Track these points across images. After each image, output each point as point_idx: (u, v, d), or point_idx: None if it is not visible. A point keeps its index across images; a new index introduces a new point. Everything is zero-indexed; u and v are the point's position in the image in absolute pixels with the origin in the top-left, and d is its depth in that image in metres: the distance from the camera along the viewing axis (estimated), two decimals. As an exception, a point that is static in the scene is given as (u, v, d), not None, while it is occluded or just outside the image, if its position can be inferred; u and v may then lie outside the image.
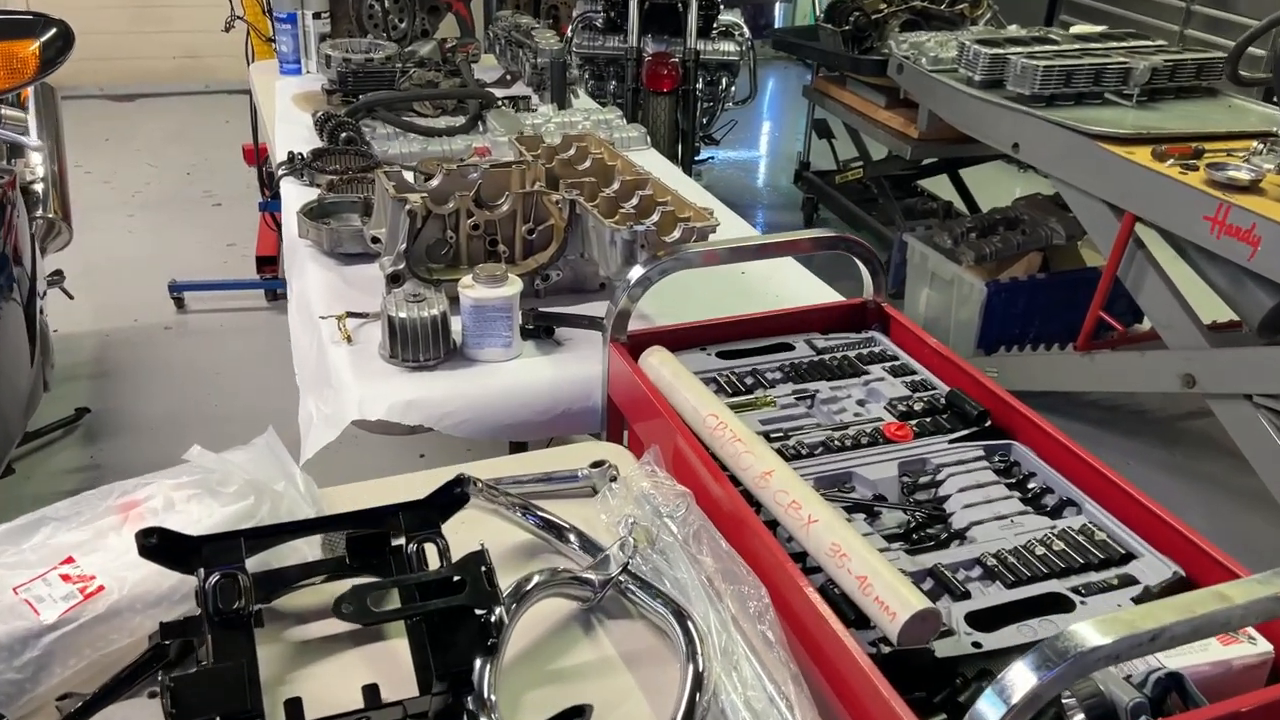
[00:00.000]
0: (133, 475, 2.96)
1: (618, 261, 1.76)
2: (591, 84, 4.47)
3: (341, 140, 2.53)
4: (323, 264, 2.03)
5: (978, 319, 3.39)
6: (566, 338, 1.81)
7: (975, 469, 1.42)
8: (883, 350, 1.71)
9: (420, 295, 1.69)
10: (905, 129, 3.84)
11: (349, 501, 1.38)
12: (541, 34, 3.08)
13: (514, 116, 2.72)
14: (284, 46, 3.22)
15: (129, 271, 4.11)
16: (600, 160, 2.12)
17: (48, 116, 3.24)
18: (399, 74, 2.90)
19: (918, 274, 3.70)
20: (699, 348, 1.69)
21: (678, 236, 1.74)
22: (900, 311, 1.77)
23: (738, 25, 4.41)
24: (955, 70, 3.32)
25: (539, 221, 1.90)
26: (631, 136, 2.75)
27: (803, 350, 1.70)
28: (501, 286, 1.69)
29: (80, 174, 5.11)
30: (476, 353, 1.72)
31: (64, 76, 6.27)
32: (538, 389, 1.69)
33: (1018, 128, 3.05)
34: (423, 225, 1.83)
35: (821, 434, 1.48)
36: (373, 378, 1.66)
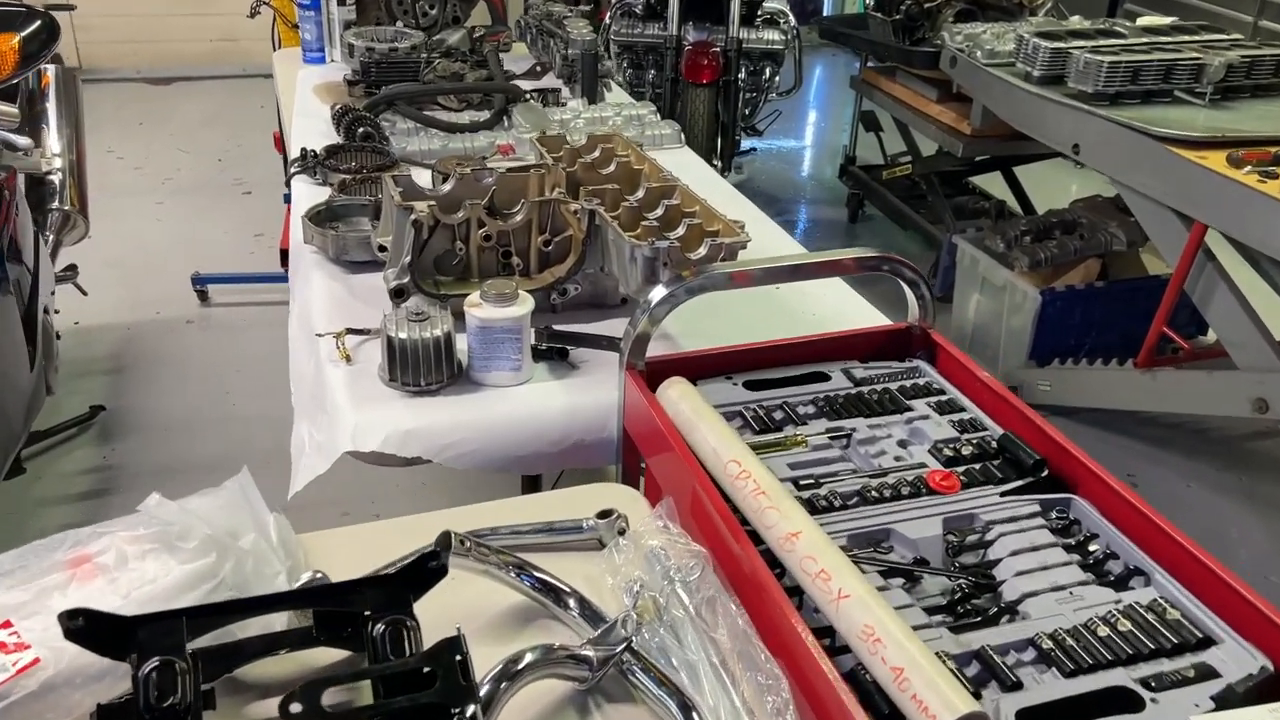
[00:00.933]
0: (144, 478, 2.89)
1: (638, 280, 1.61)
2: (630, 73, 4.32)
3: (358, 136, 2.41)
4: (328, 272, 1.91)
5: (1030, 328, 3.20)
6: (582, 360, 1.67)
7: (1030, 527, 1.26)
8: (928, 383, 1.55)
9: (423, 314, 1.56)
10: (957, 125, 3.65)
11: (331, 550, 1.26)
12: (574, 23, 2.93)
13: (541, 111, 2.58)
14: (307, 34, 3.10)
15: (154, 262, 4.04)
16: (626, 164, 1.98)
17: (68, 104, 3.16)
18: (424, 65, 2.77)
19: (967, 278, 3.52)
20: (725, 376, 1.55)
21: (704, 254, 1.60)
22: (946, 337, 1.62)
23: (783, 13, 4.23)
24: (1012, 65, 3.12)
25: (556, 232, 1.76)
26: (664, 134, 2.60)
27: (839, 381, 1.55)
28: (511, 306, 1.55)
29: (112, 159, 5.07)
30: (483, 376, 1.59)
31: (102, 59, 6.30)
32: (549, 417, 1.56)
33: (1079, 128, 2.85)
34: (430, 236, 1.69)
35: (857, 482, 1.33)
36: (370, 403, 1.53)
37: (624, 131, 2.57)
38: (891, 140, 4.54)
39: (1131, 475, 2.99)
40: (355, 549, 1.26)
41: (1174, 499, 2.92)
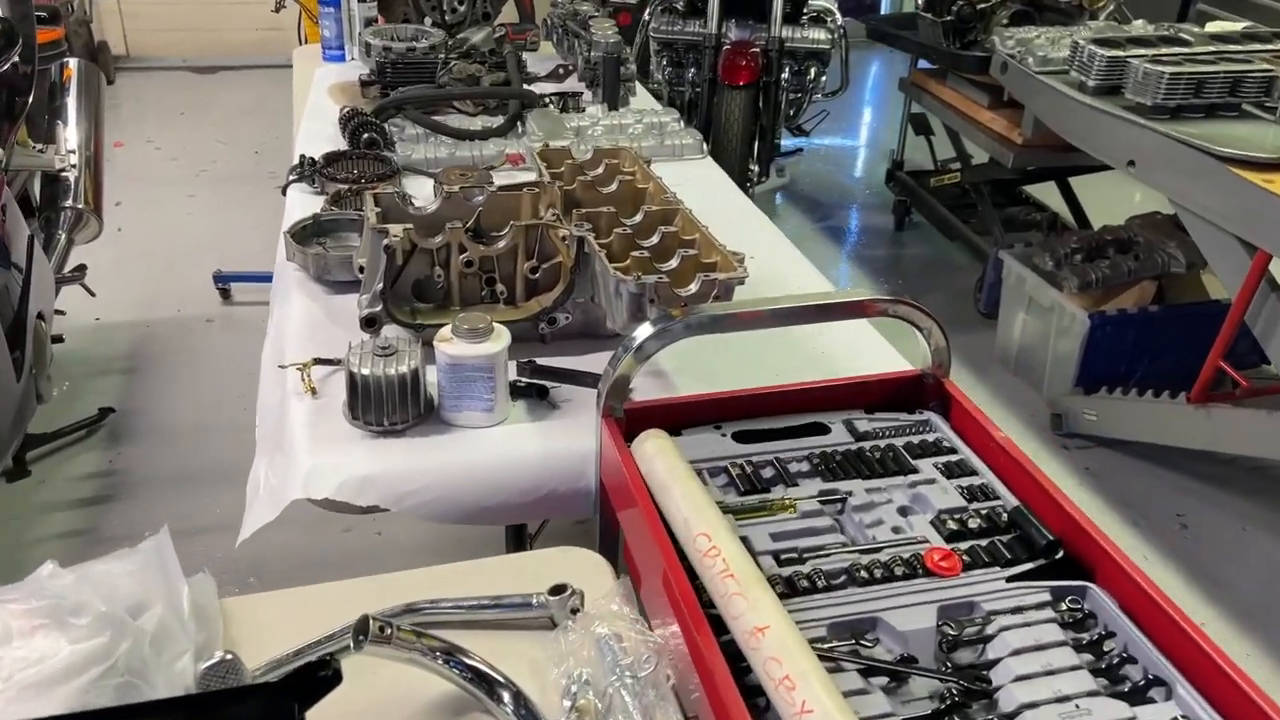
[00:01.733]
0: (147, 486, 2.81)
1: (623, 316, 1.49)
2: (669, 71, 4.18)
3: (362, 142, 2.31)
4: (308, 292, 1.81)
5: (1078, 353, 3.01)
6: (565, 399, 1.55)
7: (1037, 620, 1.11)
8: (938, 440, 1.41)
9: (390, 348, 1.45)
10: (1008, 133, 3.45)
11: (257, 618, 1.15)
12: (599, 24, 2.80)
13: (556, 118, 2.45)
14: (327, 31, 3.01)
15: (181, 256, 3.99)
16: (630, 183, 1.85)
17: (88, 100, 3.10)
18: (440, 66, 2.66)
19: (1014, 296, 3.33)
20: (713, 425, 1.42)
21: (694, 291, 1.46)
22: (989, 357, 1.46)
23: (830, 11, 4.05)
24: (1066, 73, 2.92)
25: (544, 258, 1.64)
26: (686, 144, 2.46)
27: (839, 435, 1.41)
28: (484, 342, 1.44)
29: (150, 149, 5.06)
30: (453, 416, 1.47)
31: (149, 47, 6.29)
32: (522, 463, 1.44)
33: (1135, 143, 2.65)
34: (406, 261, 1.58)
35: (846, 558, 1.19)
36: (329, 443, 1.43)
37: (643, 140, 2.44)
38: (942, 143, 4.34)
39: (1181, 515, 2.80)
40: (284, 617, 1.15)
41: (1228, 544, 2.72)
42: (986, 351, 3.52)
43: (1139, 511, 2.81)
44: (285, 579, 2.47)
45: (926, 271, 4.25)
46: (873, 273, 4.21)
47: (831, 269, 4.31)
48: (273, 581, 2.48)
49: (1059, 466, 2.98)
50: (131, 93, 5.92)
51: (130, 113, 5.65)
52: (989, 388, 3.37)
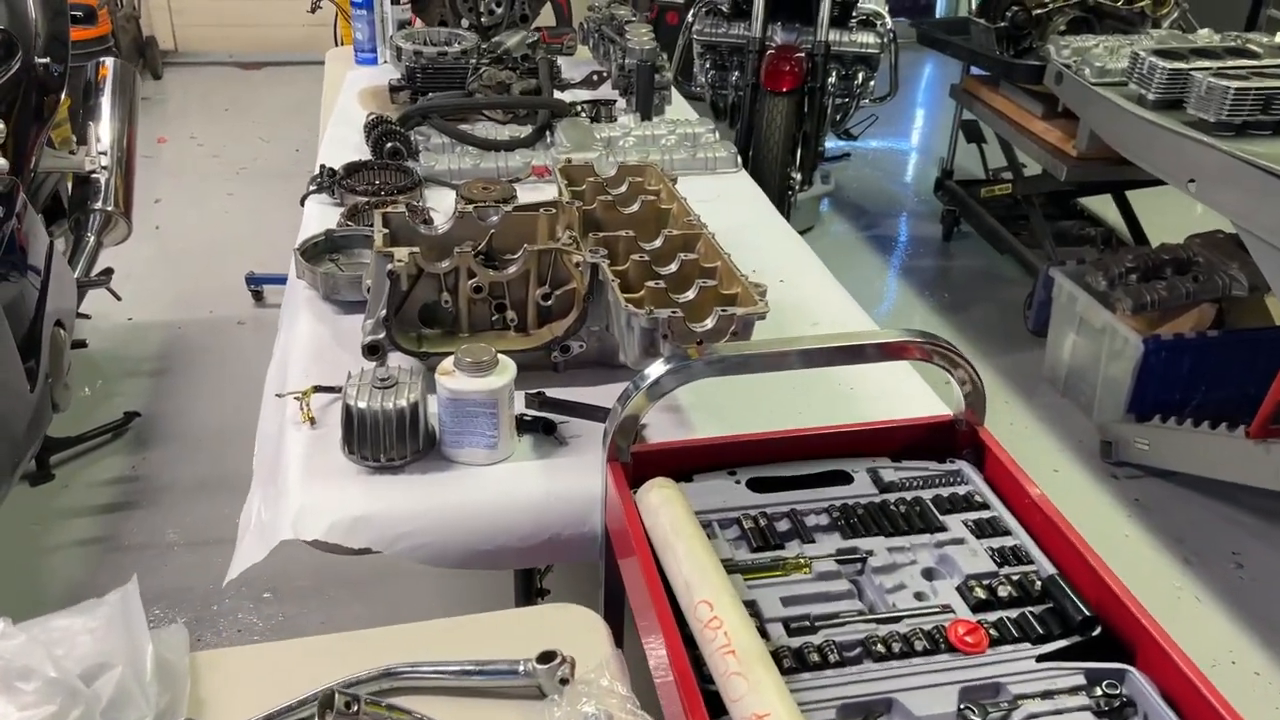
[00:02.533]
0: (169, 493, 2.78)
1: (635, 351, 1.40)
2: (713, 74, 4.08)
3: (386, 152, 2.24)
4: (316, 313, 1.75)
5: (1131, 379, 2.87)
6: (574, 434, 1.47)
7: (1070, 708, 1.02)
8: (969, 493, 1.31)
9: (390, 379, 1.38)
10: (1062, 145, 3.31)
11: (230, 675, 1.09)
12: (635, 30, 2.72)
13: (586, 128, 2.37)
14: (359, 34, 2.96)
15: (216, 256, 3.98)
16: (652, 204, 1.76)
17: (122, 100, 3.07)
18: (470, 73, 2.59)
19: (1064, 315, 3.19)
20: (728, 470, 1.33)
21: (710, 327, 1.37)
22: (1037, 376, 1.36)
23: (880, 14, 3.92)
24: (1125, 85, 2.78)
25: (558, 284, 1.56)
26: (720, 157, 2.37)
27: (862, 485, 1.31)
28: (487, 376, 1.36)
29: (193, 145, 5.06)
30: (454, 453, 1.40)
31: (196, 43, 6.31)
32: (525, 504, 1.36)
33: (1197, 161, 2.51)
34: (412, 286, 1.51)
35: (863, 628, 1.10)
36: (323, 478, 1.36)
37: (675, 153, 2.35)
38: (994, 152, 4.20)
39: (1237, 554, 2.65)
40: (257, 675, 1.09)
41: (1287, 587, 2.57)
42: (1034, 371, 3.39)
43: (1191, 549, 2.67)
44: (302, 594, 2.45)
45: (974, 284, 4.11)
46: (918, 284, 4.08)
47: (877, 280, 4.19)
48: (289, 595, 2.45)
49: (1107, 496, 2.85)
50: (178, 88, 5.94)
51: (176, 108, 5.67)
52: (1036, 409, 3.24)
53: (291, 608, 2.41)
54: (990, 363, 3.50)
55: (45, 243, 2.22)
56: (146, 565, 2.51)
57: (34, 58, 2.60)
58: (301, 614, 2.40)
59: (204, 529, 2.65)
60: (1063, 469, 2.97)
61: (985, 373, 3.63)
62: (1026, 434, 3.13)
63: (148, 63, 5.87)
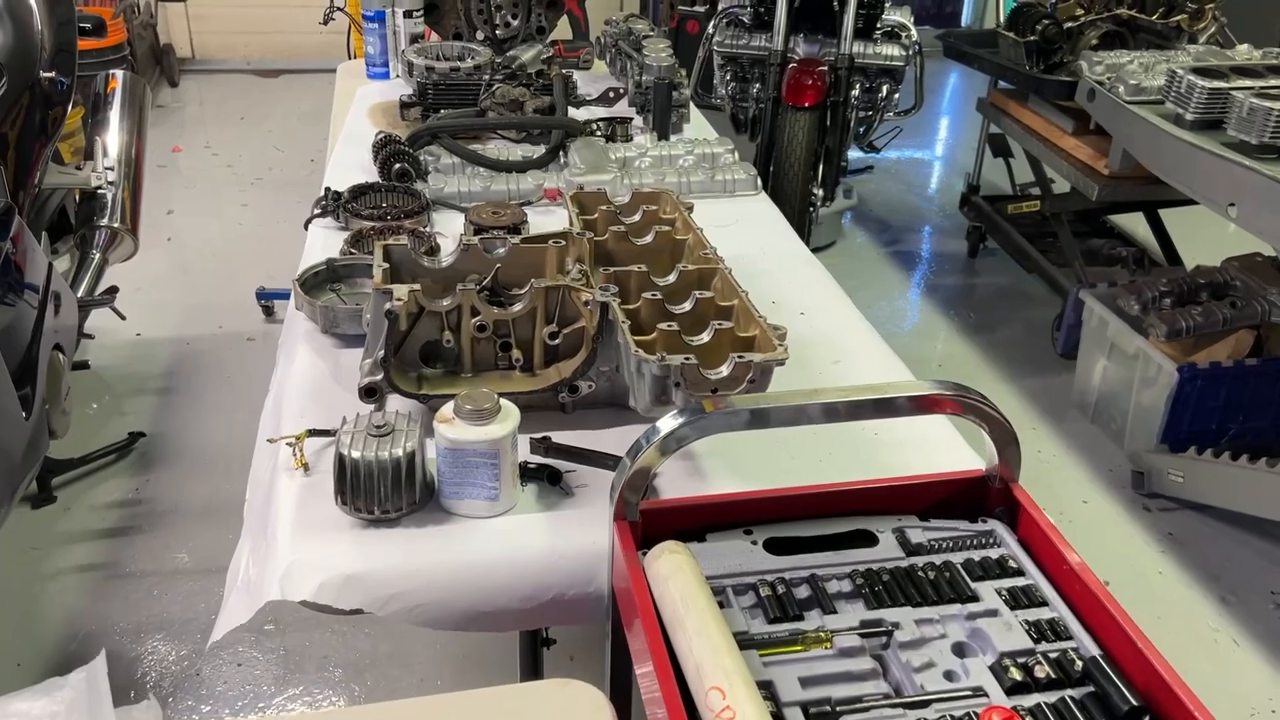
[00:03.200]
0: (172, 517, 2.71)
1: (646, 399, 1.32)
2: (733, 86, 3.99)
3: (394, 173, 2.17)
4: (315, 346, 1.68)
5: (1164, 408, 2.77)
6: (581, 483, 1.39)
7: (1115, 811, 0.93)
8: (1002, 557, 1.22)
9: (386, 426, 1.30)
10: (1094, 163, 3.21)
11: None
12: (653, 45, 2.63)
13: (600, 149, 2.29)
14: (371, 48, 2.89)
15: (227, 269, 3.93)
16: (667, 234, 1.68)
17: (131, 113, 3.02)
18: (483, 89, 2.51)
19: (1094, 339, 3.09)
20: (743, 529, 1.24)
21: (725, 375, 1.29)
22: (1066, 402, 1.27)
23: (905, 27, 3.83)
24: (1161, 104, 2.68)
25: (566, 322, 1.48)
26: (739, 179, 2.28)
27: (888, 546, 1.23)
28: (488, 424, 1.28)
29: (207, 155, 5.02)
30: (453, 504, 1.32)
31: (214, 50, 6.28)
32: (528, 562, 1.28)
33: (1237, 184, 2.41)
34: (412, 325, 1.44)
35: (890, 714, 1.01)
36: (314, 532, 1.29)
37: (693, 175, 2.27)
38: (1021, 167, 4.10)
39: (1276, 594, 2.54)
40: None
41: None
42: (1062, 396, 3.29)
43: (1228, 587, 2.56)
44: (304, 625, 2.38)
45: (1000, 304, 4.01)
46: (943, 303, 3.98)
47: (899, 297, 4.09)
48: (291, 627, 2.38)
49: (1138, 530, 2.74)
50: (195, 96, 5.91)
51: (192, 116, 5.63)
52: (1064, 437, 3.14)
53: (294, 640, 2.35)
54: (1016, 386, 3.40)
55: (44, 265, 2.16)
56: (147, 592, 2.45)
57: (38, 71, 2.54)
58: (303, 647, 2.33)
59: (208, 555, 2.59)
60: (1092, 500, 2.87)
61: (1011, 397, 3.53)
62: (1054, 463, 3.03)
63: (164, 70, 5.84)
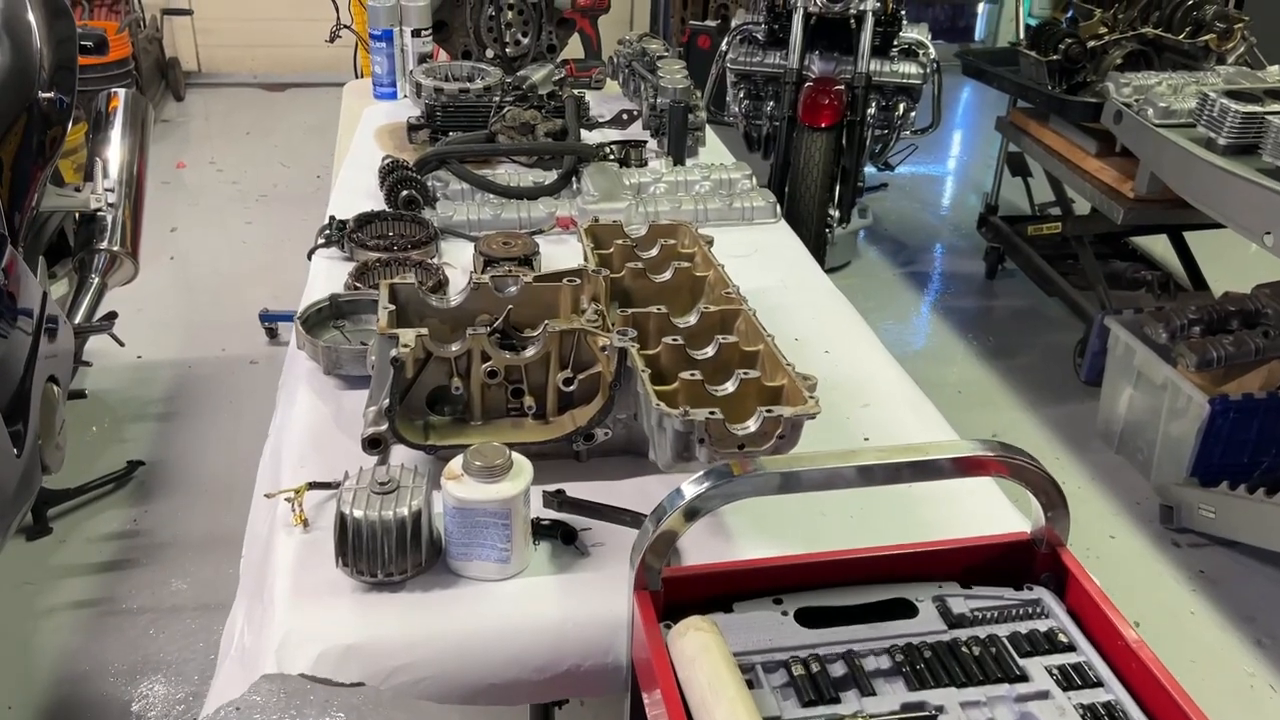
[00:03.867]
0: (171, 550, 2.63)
1: (668, 454, 1.24)
2: (746, 104, 3.92)
3: (401, 201, 2.10)
4: (316, 388, 1.60)
5: (1195, 440, 2.67)
6: (598, 542, 1.31)
7: None
8: (1051, 630, 1.13)
9: (390, 483, 1.22)
10: (1118, 185, 3.12)
11: None
12: (668, 67, 2.56)
13: (614, 175, 2.21)
14: (378, 67, 2.82)
15: (232, 288, 3.86)
16: (687, 271, 1.60)
17: (132, 133, 2.95)
18: (493, 112, 2.44)
19: (1120, 368, 3.00)
20: (772, 598, 1.16)
21: (753, 430, 1.21)
22: (1090, 429, 1.19)
23: (923, 44, 3.75)
24: (1192, 127, 2.60)
25: (581, 367, 1.40)
26: (758, 206, 2.20)
27: (928, 618, 1.14)
28: (499, 482, 1.20)
29: (212, 171, 4.96)
30: (461, 566, 1.24)
31: (220, 63, 6.22)
32: (541, 629, 1.20)
33: (1274, 212, 2.33)
34: (420, 370, 1.36)
35: (933, 812, 0.93)
36: (313, 597, 1.21)
37: (710, 202, 2.20)
38: (1040, 186, 4.02)
39: (1314, 637, 2.45)
40: None
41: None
42: (1086, 424, 3.20)
43: (1263, 629, 2.47)
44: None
45: (1019, 327, 3.92)
46: (960, 326, 3.90)
47: (916, 320, 4.01)
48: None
49: (1168, 567, 2.65)
50: (200, 110, 5.85)
51: (197, 131, 5.57)
52: (1088, 467, 3.05)
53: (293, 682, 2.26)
54: (1037, 414, 3.31)
55: (38, 293, 2.09)
56: (143, 631, 2.37)
57: (37, 92, 2.48)
58: (305, 688, 2.25)
59: (207, 589, 2.51)
60: (1119, 535, 2.78)
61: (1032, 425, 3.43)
62: (1079, 494, 2.94)
63: (170, 84, 5.78)
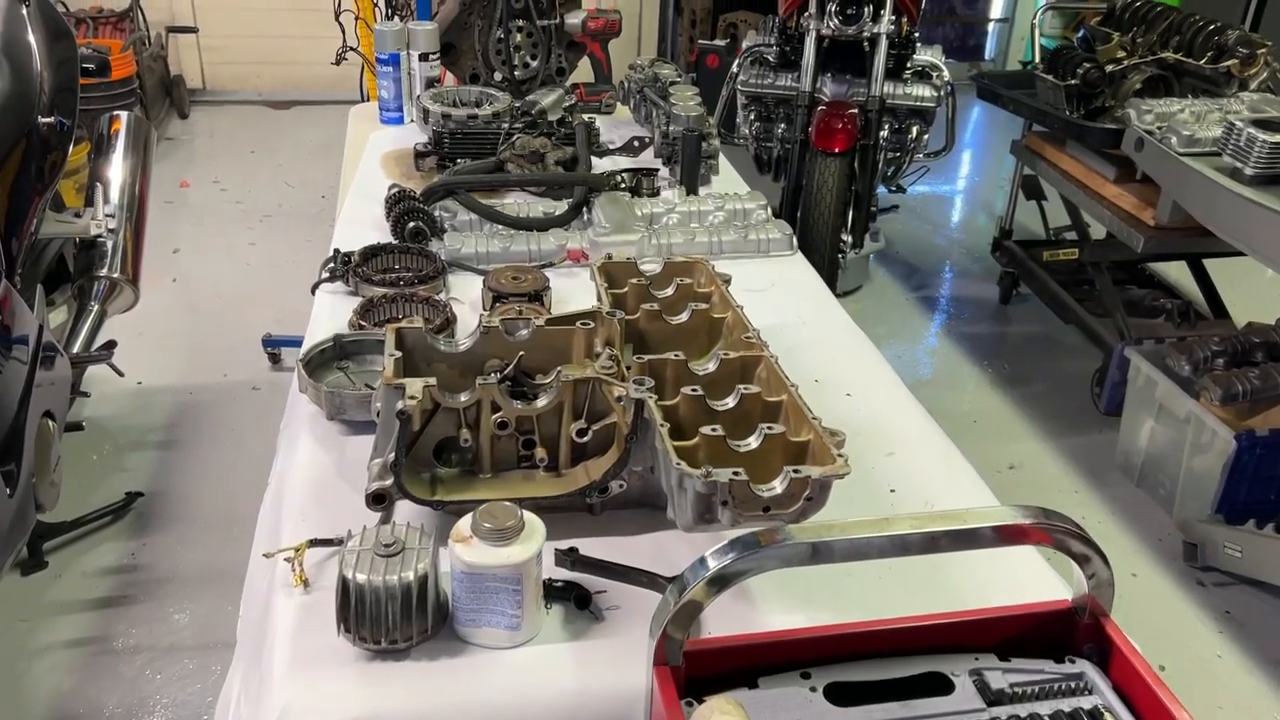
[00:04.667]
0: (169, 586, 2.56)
1: (688, 516, 1.18)
2: (757, 126, 3.87)
3: (408, 233, 2.04)
4: (318, 435, 1.54)
5: (1220, 477, 2.61)
6: (613, 605, 1.24)
7: None
8: (1096, 709, 1.06)
9: (395, 545, 1.16)
10: (1139, 213, 3.06)
11: None
12: (680, 93, 2.50)
13: (626, 205, 2.16)
14: (385, 91, 2.76)
15: (234, 312, 3.80)
16: (704, 313, 1.54)
17: (134, 156, 2.89)
18: (502, 139, 2.38)
19: (1140, 399, 2.94)
20: (800, 672, 1.09)
21: (779, 492, 1.14)
22: (1110, 462, 1.12)
23: (937, 67, 3.70)
24: (1217, 156, 2.54)
25: (595, 417, 1.34)
26: (773, 239, 2.14)
27: (965, 695, 1.07)
28: (510, 545, 1.14)
29: (215, 191, 4.91)
30: (470, 633, 1.17)
31: (226, 81, 6.18)
32: (552, 701, 1.13)
33: (1304, 245, 2.27)
34: (427, 421, 1.29)
35: None
36: (314, 664, 1.14)
37: (724, 234, 2.14)
38: (1055, 208, 3.95)
39: (1345, 682, 2.38)
40: None
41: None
42: (1105, 456, 3.13)
43: (1293, 673, 2.40)
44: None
45: (1035, 354, 3.86)
46: (975, 352, 3.83)
47: (929, 346, 3.94)
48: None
49: (1193, 607, 2.58)
50: (205, 128, 5.81)
51: (201, 149, 5.53)
52: (1107, 501, 2.98)
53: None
54: (1054, 444, 3.25)
55: (34, 325, 2.03)
56: (140, 671, 2.31)
57: (36, 117, 2.43)
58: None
59: (206, 629, 2.45)
60: (1141, 573, 2.71)
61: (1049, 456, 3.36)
62: (1099, 529, 2.87)
63: (174, 102, 5.75)
